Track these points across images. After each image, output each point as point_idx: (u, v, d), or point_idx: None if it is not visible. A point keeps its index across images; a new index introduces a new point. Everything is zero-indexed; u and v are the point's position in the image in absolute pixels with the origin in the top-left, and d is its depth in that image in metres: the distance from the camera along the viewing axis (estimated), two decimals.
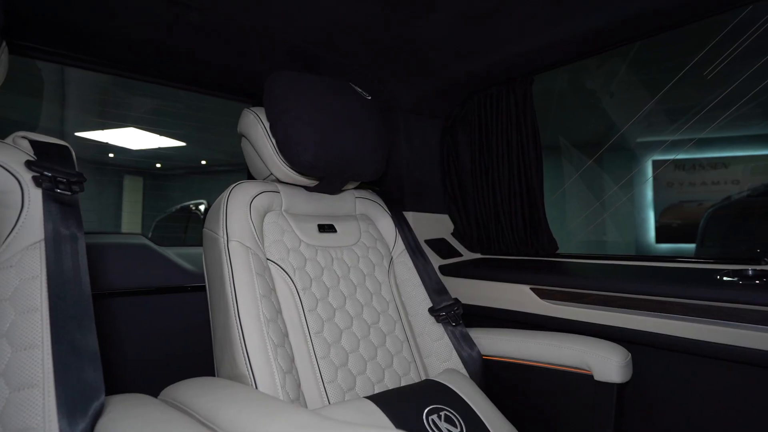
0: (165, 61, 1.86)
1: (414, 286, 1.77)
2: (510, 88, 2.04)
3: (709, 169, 6.57)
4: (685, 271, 1.59)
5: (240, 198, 1.49)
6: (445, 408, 1.36)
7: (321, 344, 1.43)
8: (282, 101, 1.53)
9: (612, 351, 1.47)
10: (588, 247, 6.96)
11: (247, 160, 1.73)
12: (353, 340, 1.50)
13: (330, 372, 1.40)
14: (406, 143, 2.20)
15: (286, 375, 1.28)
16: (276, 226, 1.53)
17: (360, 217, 1.79)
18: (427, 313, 1.73)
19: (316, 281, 1.52)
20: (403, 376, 1.56)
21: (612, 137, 6.76)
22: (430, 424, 1.29)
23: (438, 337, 1.71)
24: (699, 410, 1.48)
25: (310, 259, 1.55)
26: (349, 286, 1.59)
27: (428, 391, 1.41)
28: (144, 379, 1.88)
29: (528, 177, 2.03)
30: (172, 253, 2.02)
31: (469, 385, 1.51)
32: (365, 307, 1.59)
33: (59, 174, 1.09)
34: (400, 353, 1.59)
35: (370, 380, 1.47)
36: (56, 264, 1.00)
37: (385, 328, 1.60)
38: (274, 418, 0.89)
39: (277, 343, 1.31)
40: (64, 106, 6.00)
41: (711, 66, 4.47)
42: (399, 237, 1.84)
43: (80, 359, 0.93)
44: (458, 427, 1.33)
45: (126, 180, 8.31)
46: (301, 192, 1.68)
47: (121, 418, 0.91)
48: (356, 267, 1.65)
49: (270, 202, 1.57)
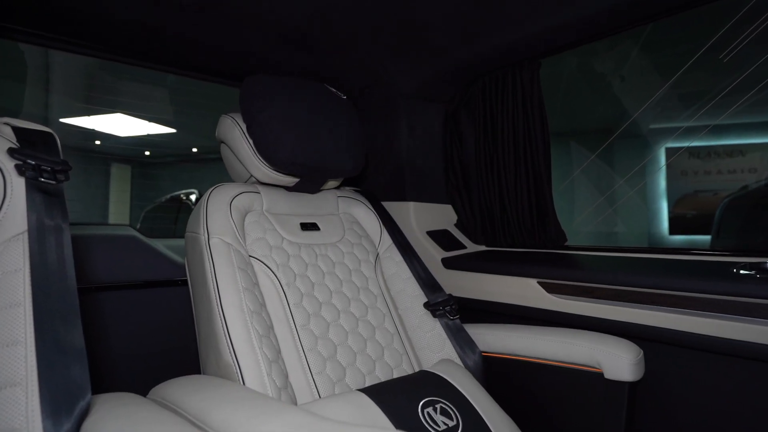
0: (153, 43, 1.85)
1: (403, 281, 1.79)
2: (516, 72, 2.03)
3: (725, 156, 6.56)
4: (699, 264, 1.59)
5: (220, 198, 1.54)
6: (441, 400, 1.37)
7: (308, 337, 1.46)
8: (258, 101, 1.59)
9: (623, 348, 1.47)
10: (598, 240, 6.96)
11: (227, 165, 1.79)
12: (341, 332, 1.54)
13: (318, 363, 1.43)
14: (407, 130, 2.20)
15: (272, 364, 1.30)
16: (257, 224, 1.58)
17: (343, 215, 1.85)
18: (420, 307, 1.75)
19: (300, 277, 1.56)
20: (395, 368, 1.58)
21: (623, 124, 6.75)
22: (426, 417, 1.30)
23: (432, 331, 1.72)
24: (714, 410, 1.48)
25: (294, 256, 1.59)
26: (335, 281, 1.63)
27: (423, 383, 1.42)
28: (132, 377, 1.88)
29: (535, 165, 2.02)
30: (162, 246, 2.02)
31: (465, 377, 1.52)
32: (352, 301, 1.63)
33: (43, 162, 1.08)
34: (390, 345, 1.62)
35: (361, 371, 1.50)
36: (40, 257, 0.99)
37: (374, 321, 1.63)
38: (268, 418, 0.89)
39: (262, 334, 1.34)
40: (49, 90, 5.98)
41: (727, 49, 4.45)
42: (384, 233, 1.87)
43: (65, 356, 0.92)
44: (454, 420, 1.34)
45: (113, 168, 8.30)
46: (282, 192, 1.73)
47: (108, 418, 0.91)
48: (341, 263, 1.69)
49: (250, 202, 1.62)
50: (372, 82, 2.18)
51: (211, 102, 6.18)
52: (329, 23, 1.74)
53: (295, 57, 1.96)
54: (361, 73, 2.12)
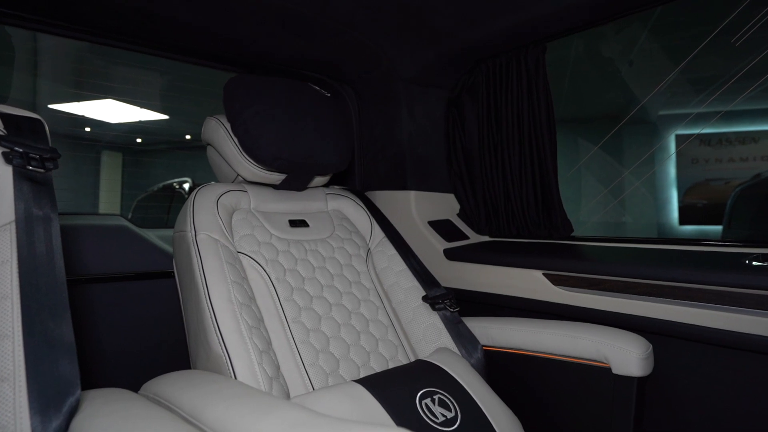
0: (146, 27, 1.84)
1: (396, 274, 1.80)
2: (521, 56, 2.02)
3: (737, 144, 6.56)
4: (711, 255, 1.59)
5: (206, 197, 1.57)
6: (439, 391, 1.38)
7: (299, 330, 1.48)
8: (241, 100, 1.63)
9: (632, 342, 1.47)
10: (605, 230, 6.96)
11: (214, 167, 1.82)
12: (333, 325, 1.55)
13: (310, 355, 1.45)
14: (408, 116, 2.19)
15: (262, 354, 1.31)
16: (245, 221, 1.62)
17: (332, 212, 1.88)
18: (414, 300, 1.76)
19: (290, 272, 1.59)
20: (390, 360, 1.59)
21: (631, 110, 6.74)
22: (424, 409, 1.31)
23: (428, 324, 1.72)
24: (726, 406, 1.48)
25: (283, 252, 1.62)
26: (326, 275, 1.65)
27: (420, 373, 1.43)
28: (123, 372, 1.88)
29: (541, 152, 2.01)
30: (154, 236, 2.02)
31: (463, 366, 1.53)
32: (344, 295, 1.65)
33: (31, 150, 1.08)
34: (385, 337, 1.63)
35: (355, 363, 1.51)
36: (28, 247, 0.99)
37: (367, 314, 1.65)
38: (264, 415, 0.89)
39: (252, 325, 1.35)
40: (37, 75, 5.97)
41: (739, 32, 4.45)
42: (376, 228, 1.90)
43: (54, 351, 0.92)
44: (453, 411, 1.35)
45: (104, 156, 8.30)
46: (269, 190, 1.76)
47: (98, 414, 0.91)
48: (332, 258, 1.71)
49: (237, 200, 1.66)
50: (371, 66, 2.17)
51: (206, 88, 6.18)
52: (326, 5, 1.73)
53: (292, 41, 1.95)
54: (360, 58, 2.11)
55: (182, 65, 1.93)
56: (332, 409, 1.22)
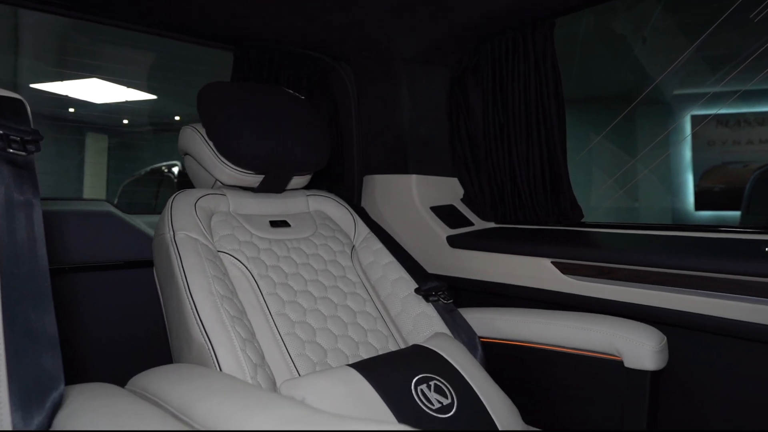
0: (136, 3, 1.83)
1: (382, 267, 1.83)
2: (528, 33, 2.01)
3: (756, 125, 6.54)
4: (728, 243, 1.58)
5: (184, 201, 1.62)
6: (435, 377, 1.39)
7: (284, 322, 1.51)
8: (216, 104, 1.69)
9: (645, 334, 1.46)
10: (617, 216, 6.95)
11: (192, 177, 1.87)
12: (319, 317, 1.58)
13: (297, 346, 1.48)
14: (409, 97, 2.18)
15: (245, 342, 1.34)
16: (225, 223, 1.66)
17: (314, 213, 1.92)
18: (402, 293, 1.78)
19: (272, 268, 1.62)
20: (381, 350, 1.61)
21: (645, 89, 6.72)
22: (419, 395, 1.32)
23: (420, 313, 1.73)
24: (744, 400, 1.48)
25: (265, 250, 1.66)
26: (310, 271, 1.69)
27: (416, 359, 1.44)
28: (109, 366, 1.88)
29: (549, 134, 2.01)
30: (142, 223, 2.02)
31: (460, 352, 1.53)
32: (330, 289, 1.68)
33: (12, 132, 1.07)
34: (374, 328, 1.66)
35: (344, 353, 1.54)
36: (9, 235, 0.98)
37: (354, 306, 1.67)
38: (256, 411, 0.88)
39: (234, 315, 1.38)
40: (18, 54, 5.96)
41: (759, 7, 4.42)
42: (360, 225, 1.93)
43: (36, 343, 0.92)
44: (449, 397, 1.36)
45: (88, 138, 8.28)
46: (249, 194, 1.79)
47: (82, 410, 0.91)
48: (316, 254, 1.75)
49: (216, 203, 1.70)
50: (369, 44, 2.16)
51: (197, 66, 6.16)
52: None
53: (287, 18, 1.94)
54: (358, 35, 2.10)
55: (171, 42, 1.92)
56: (324, 394, 1.23)
